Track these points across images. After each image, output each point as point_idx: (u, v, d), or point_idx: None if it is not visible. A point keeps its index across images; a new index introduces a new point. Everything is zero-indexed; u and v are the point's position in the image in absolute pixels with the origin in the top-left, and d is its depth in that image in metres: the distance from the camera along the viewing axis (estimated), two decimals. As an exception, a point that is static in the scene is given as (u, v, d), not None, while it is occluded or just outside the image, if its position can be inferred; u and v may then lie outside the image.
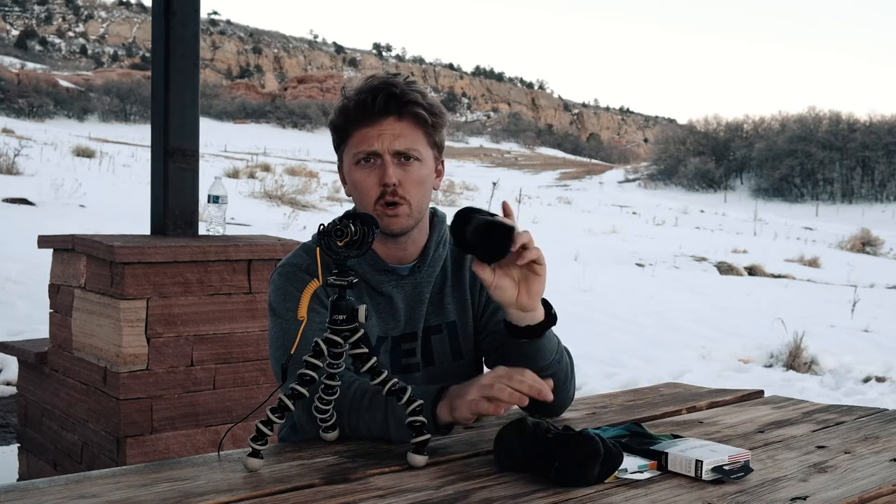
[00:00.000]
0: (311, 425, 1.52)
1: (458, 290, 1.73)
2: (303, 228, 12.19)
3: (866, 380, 6.36)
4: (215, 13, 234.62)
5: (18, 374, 3.55)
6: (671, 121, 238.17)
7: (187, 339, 2.91)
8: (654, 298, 9.79)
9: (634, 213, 35.16)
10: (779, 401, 1.99)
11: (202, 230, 3.28)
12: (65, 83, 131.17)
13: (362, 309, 1.35)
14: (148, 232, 3.27)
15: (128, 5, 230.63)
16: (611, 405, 1.87)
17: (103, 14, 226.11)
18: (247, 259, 3.03)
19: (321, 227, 1.34)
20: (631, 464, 1.33)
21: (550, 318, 1.54)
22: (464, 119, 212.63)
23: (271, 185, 18.44)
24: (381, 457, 1.40)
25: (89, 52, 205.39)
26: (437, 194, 1.85)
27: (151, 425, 2.85)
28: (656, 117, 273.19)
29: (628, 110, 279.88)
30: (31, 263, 6.98)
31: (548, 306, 1.54)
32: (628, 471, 1.32)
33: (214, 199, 3.24)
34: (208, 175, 3.66)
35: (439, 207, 1.78)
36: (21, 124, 49.12)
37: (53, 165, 19.36)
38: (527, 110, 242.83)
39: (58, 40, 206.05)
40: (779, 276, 14.90)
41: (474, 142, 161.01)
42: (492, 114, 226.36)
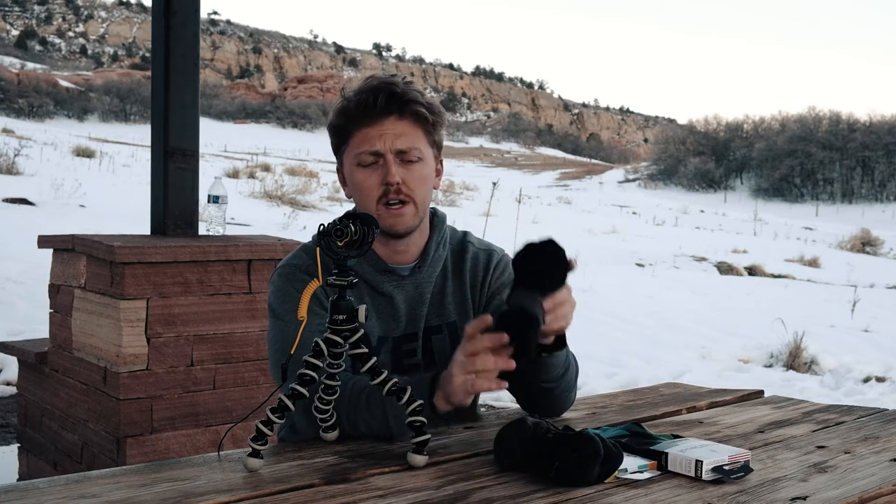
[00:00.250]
0: (311, 427, 1.52)
1: (458, 290, 1.73)
2: (303, 228, 12.19)
3: (866, 380, 6.36)
4: (215, 13, 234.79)
5: (18, 374, 3.55)
6: (671, 121, 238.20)
7: (187, 339, 2.91)
8: (654, 298, 9.79)
9: (634, 213, 35.16)
10: (779, 401, 1.99)
11: (202, 230, 3.28)
12: (65, 83, 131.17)
13: (362, 309, 1.35)
14: (148, 232, 3.26)
15: (128, 5, 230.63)
16: (611, 405, 1.87)
17: (103, 14, 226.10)
18: (247, 259, 3.03)
19: (321, 227, 1.34)
20: (631, 464, 1.33)
21: (559, 341, 1.53)
22: (464, 119, 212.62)
23: (271, 185, 18.45)
24: (381, 457, 1.39)
25: (89, 52, 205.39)
26: (437, 194, 1.84)
27: (151, 425, 2.85)
28: (656, 117, 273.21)
29: (628, 110, 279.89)
30: (31, 263, 6.98)
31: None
32: (628, 471, 1.32)
33: (214, 199, 3.24)
34: (208, 175, 3.66)
35: (439, 207, 1.77)
36: (21, 124, 49.11)
37: (53, 165, 19.36)
38: (527, 110, 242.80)
39: (58, 40, 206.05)
40: (779, 276, 14.90)
41: (474, 142, 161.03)
42: (492, 114, 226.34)
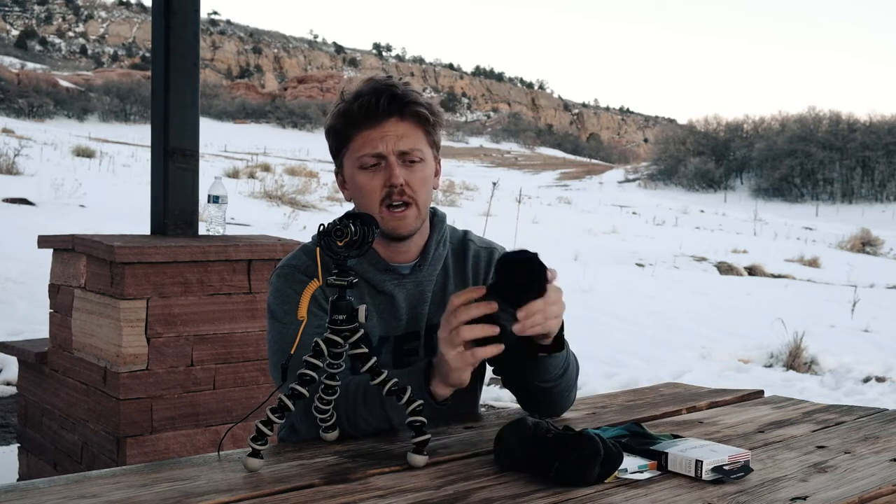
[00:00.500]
0: (310, 429, 1.52)
1: (460, 289, 1.73)
2: (303, 228, 12.20)
3: (866, 380, 6.36)
4: (215, 13, 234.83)
5: (18, 374, 3.55)
6: (671, 121, 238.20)
7: (187, 339, 2.91)
8: (654, 298, 9.79)
9: (634, 213, 35.16)
10: (779, 401, 1.99)
11: (202, 230, 3.28)
12: (65, 83, 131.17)
13: (362, 309, 1.35)
14: (148, 232, 3.26)
15: (128, 5, 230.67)
16: (611, 405, 1.87)
17: (103, 14, 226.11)
18: (247, 259, 3.02)
19: (321, 227, 1.34)
20: (631, 464, 1.33)
21: (558, 343, 1.53)
22: (464, 119, 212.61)
23: (271, 185, 18.45)
24: (381, 457, 1.39)
25: (89, 52, 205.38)
26: (437, 194, 1.84)
27: (151, 425, 2.85)
28: (656, 117, 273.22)
29: (628, 110, 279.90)
30: (31, 263, 6.98)
31: (559, 332, 1.53)
32: (628, 471, 1.32)
33: (214, 199, 3.24)
34: (208, 175, 3.66)
35: (439, 207, 1.77)
36: (21, 124, 49.13)
37: (53, 165, 19.37)
38: (527, 110, 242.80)
39: (58, 40, 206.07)
40: (779, 276, 14.90)
41: (474, 142, 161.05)
42: (492, 114, 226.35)
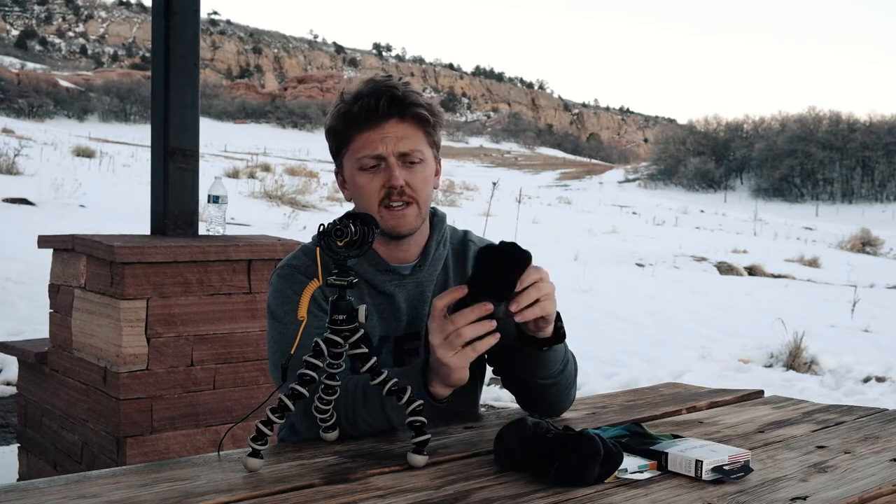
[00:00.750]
0: (310, 430, 1.52)
1: None
2: (303, 228, 12.20)
3: (866, 380, 6.36)
4: (215, 13, 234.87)
5: (18, 374, 3.55)
6: (671, 121, 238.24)
7: (187, 339, 2.91)
8: (654, 298, 9.79)
9: (634, 213, 35.17)
10: (779, 401, 1.99)
11: (202, 230, 3.28)
12: (65, 83, 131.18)
13: (362, 309, 1.35)
14: (148, 232, 3.26)
15: (128, 5, 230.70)
16: (611, 405, 1.87)
17: (103, 14, 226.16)
18: (247, 259, 3.02)
19: (321, 227, 1.34)
20: (631, 464, 1.33)
21: (559, 335, 1.54)
22: (464, 119, 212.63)
23: (271, 185, 18.46)
24: (381, 457, 1.39)
25: (89, 52, 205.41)
26: (437, 194, 1.84)
27: (151, 425, 2.85)
28: (656, 117, 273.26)
29: (628, 110, 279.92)
30: (31, 263, 6.98)
31: (558, 323, 1.54)
32: (628, 471, 1.32)
33: (214, 199, 3.24)
34: (208, 175, 3.66)
35: (439, 207, 1.77)
36: (21, 124, 49.15)
37: (53, 165, 19.37)
38: (527, 110, 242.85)
39: (58, 40, 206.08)
40: (779, 276, 14.90)
41: (474, 142, 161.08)
42: (492, 114, 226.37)
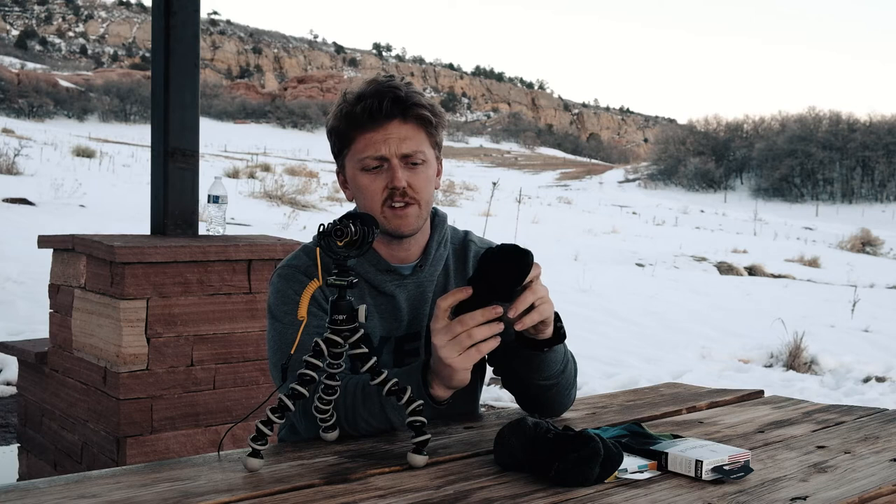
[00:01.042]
0: (310, 429, 1.52)
1: None
2: (303, 228, 12.20)
3: (866, 380, 6.36)
4: (215, 13, 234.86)
5: (18, 374, 3.55)
6: (671, 121, 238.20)
7: (187, 339, 2.91)
8: (654, 298, 9.79)
9: (634, 213, 35.19)
10: (779, 401, 1.99)
11: (202, 230, 3.28)
12: (65, 83, 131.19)
13: (362, 309, 1.35)
14: (148, 232, 3.26)
15: (128, 5, 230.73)
16: (611, 405, 1.87)
17: (103, 14, 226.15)
18: (247, 259, 3.02)
19: (321, 227, 1.34)
20: (631, 464, 1.33)
21: (559, 335, 1.54)
22: (464, 119, 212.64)
23: (271, 185, 18.47)
24: (381, 457, 1.39)
25: (89, 52, 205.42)
26: (437, 194, 1.84)
27: (151, 425, 2.85)
28: (656, 117, 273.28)
29: (628, 110, 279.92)
30: (31, 263, 6.98)
31: (558, 323, 1.54)
32: (628, 471, 1.32)
33: (214, 199, 3.24)
34: (208, 175, 3.65)
35: (440, 207, 1.77)
36: (21, 124, 49.20)
37: (53, 165, 19.40)
38: (527, 110, 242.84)
39: (58, 40, 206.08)
40: (779, 276, 14.90)
41: (474, 142, 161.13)
42: (492, 114, 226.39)
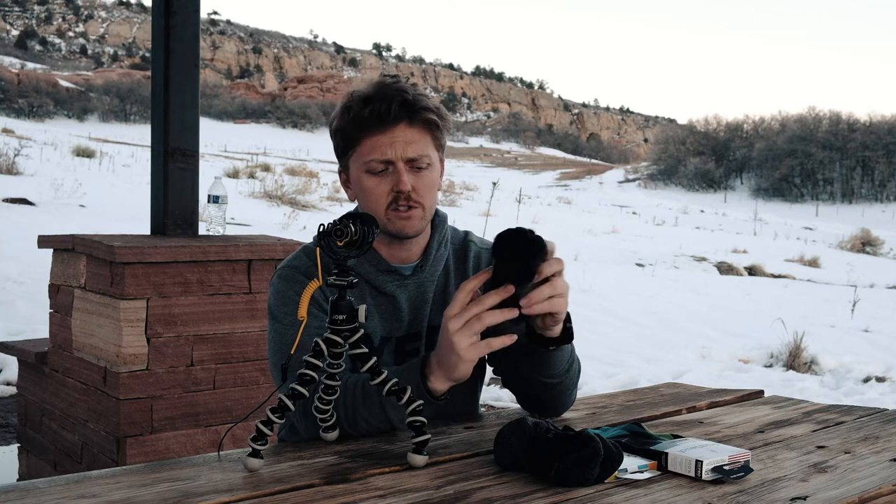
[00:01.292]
0: (310, 429, 1.52)
1: None
2: (303, 228, 12.20)
3: (866, 380, 6.36)
4: (215, 13, 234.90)
5: (18, 374, 3.55)
6: (671, 121, 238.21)
7: (187, 339, 2.91)
8: (654, 298, 9.79)
9: (634, 213, 35.21)
10: (779, 401, 1.98)
11: (202, 230, 3.28)
12: (65, 83, 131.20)
13: (362, 309, 1.35)
14: (148, 232, 3.26)
15: (128, 5, 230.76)
16: (611, 405, 1.87)
17: (103, 14, 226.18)
18: (247, 259, 3.02)
19: (321, 227, 1.34)
20: (631, 464, 1.33)
21: (567, 335, 1.52)
22: (464, 119, 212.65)
23: (271, 185, 18.48)
24: (381, 457, 1.39)
25: (89, 52, 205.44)
26: (437, 194, 1.84)
27: (151, 425, 2.85)
28: (656, 117, 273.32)
29: (628, 110, 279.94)
30: (31, 263, 6.98)
31: (567, 324, 1.53)
32: (628, 471, 1.32)
33: (214, 199, 3.24)
34: (208, 175, 3.65)
35: (440, 208, 1.77)
36: (21, 124, 49.22)
37: (53, 165, 19.41)
38: (527, 110, 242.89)
39: (58, 40, 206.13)
40: (779, 276, 14.91)
41: (474, 142, 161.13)
42: (492, 114, 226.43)
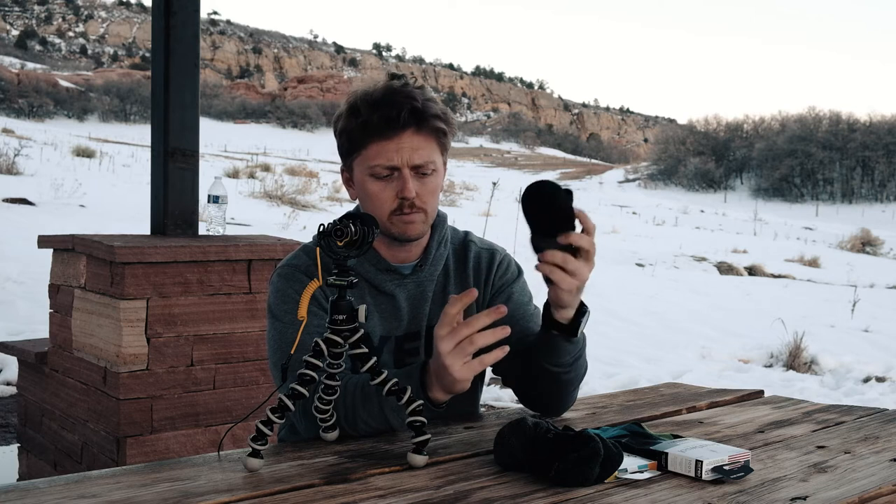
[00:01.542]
0: (310, 429, 1.52)
1: (461, 289, 1.72)
2: (303, 228, 12.20)
3: (866, 380, 6.36)
4: (215, 13, 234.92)
5: (18, 374, 3.55)
6: (671, 121, 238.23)
7: (187, 339, 2.91)
8: (654, 298, 9.79)
9: (634, 213, 35.21)
10: (779, 401, 1.98)
11: (202, 230, 3.28)
12: (65, 83, 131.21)
13: (362, 309, 1.35)
14: (148, 232, 3.26)
15: (128, 5, 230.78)
16: (611, 405, 1.87)
17: (103, 14, 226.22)
18: (247, 259, 3.02)
19: (321, 227, 1.34)
20: (631, 464, 1.33)
21: (573, 327, 1.53)
22: (464, 119, 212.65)
23: (271, 185, 18.48)
24: (381, 457, 1.39)
25: (89, 52, 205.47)
26: (437, 195, 1.84)
27: (151, 425, 2.85)
28: (656, 117, 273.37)
29: (628, 110, 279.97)
30: (31, 263, 6.98)
31: (579, 318, 1.53)
32: (628, 471, 1.32)
33: (214, 199, 3.24)
34: (208, 175, 3.65)
35: (440, 208, 1.77)
36: (21, 124, 49.23)
37: (53, 165, 19.41)
38: (527, 110, 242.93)
39: (58, 40, 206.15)
40: (779, 276, 14.91)
41: (474, 142, 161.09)
42: (492, 114, 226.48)
